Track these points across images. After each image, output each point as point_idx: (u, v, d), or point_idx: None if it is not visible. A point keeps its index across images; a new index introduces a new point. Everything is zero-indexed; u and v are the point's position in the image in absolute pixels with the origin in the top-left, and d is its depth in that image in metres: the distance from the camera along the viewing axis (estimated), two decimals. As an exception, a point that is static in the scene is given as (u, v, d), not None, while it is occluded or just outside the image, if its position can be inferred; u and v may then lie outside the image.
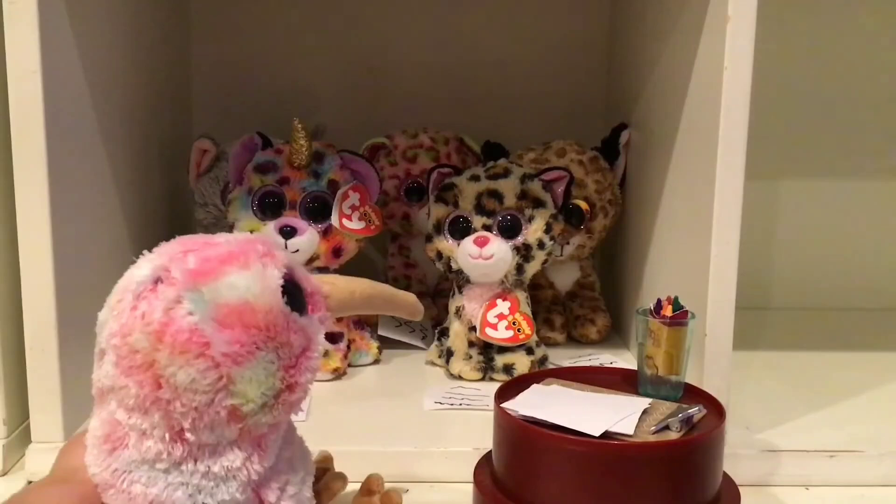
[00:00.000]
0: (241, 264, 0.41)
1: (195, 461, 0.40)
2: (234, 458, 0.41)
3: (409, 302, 0.55)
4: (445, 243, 0.82)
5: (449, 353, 0.84)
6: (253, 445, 0.42)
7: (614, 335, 0.98)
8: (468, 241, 0.80)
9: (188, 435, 0.40)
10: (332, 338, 0.84)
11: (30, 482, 0.65)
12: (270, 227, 0.81)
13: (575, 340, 0.96)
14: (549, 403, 0.57)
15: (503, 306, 0.82)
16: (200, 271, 0.40)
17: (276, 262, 0.43)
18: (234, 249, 0.42)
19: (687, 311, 0.61)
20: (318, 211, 0.82)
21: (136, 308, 0.40)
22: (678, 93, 0.75)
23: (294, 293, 0.43)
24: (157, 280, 0.40)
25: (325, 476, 0.58)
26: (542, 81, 1.12)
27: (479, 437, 0.65)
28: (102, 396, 0.42)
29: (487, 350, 0.83)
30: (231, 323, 0.40)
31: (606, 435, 0.53)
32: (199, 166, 0.96)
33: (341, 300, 0.48)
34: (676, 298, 0.61)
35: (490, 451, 0.60)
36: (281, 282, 0.42)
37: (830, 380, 0.84)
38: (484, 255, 0.79)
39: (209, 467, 0.41)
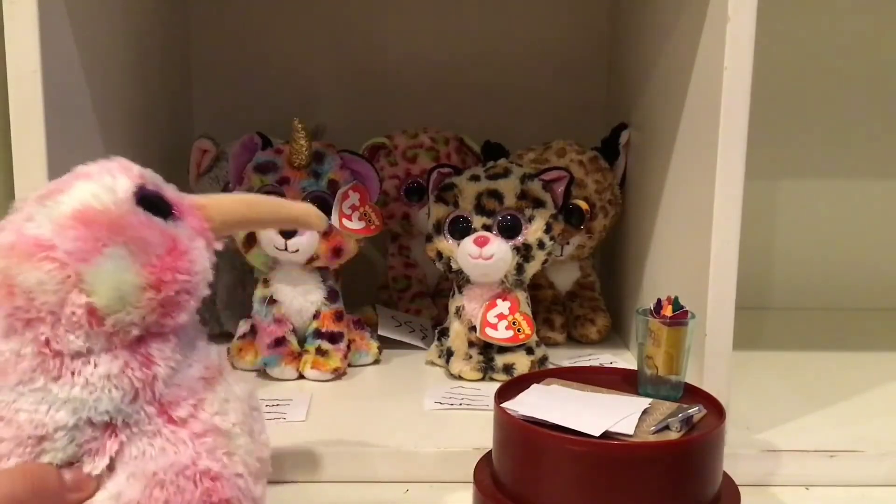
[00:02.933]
0: (88, 178, 0.43)
1: (72, 374, 0.41)
2: (110, 366, 0.41)
3: (303, 210, 0.52)
4: (445, 243, 0.82)
5: (449, 353, 0.84)
6: (130, 352, 0.42)
7: (614, 335, 0.98)
8: (468, 241, 0.80)
9: (54, 344, 0.41)
10: (332, 338, 0.84)
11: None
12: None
13: (575, 340, 0.96)
14: (549, 403, 0.57)
15: (503, 306, 0.82)
16: (50, 191, 0.43)
17: (128, 175, 0.44)
18: (88, 170, 0.44)
19: (687, 311, 0.61)
20: (318, 211, 0.82)
21: None
22: (678, 93, 0.75)
23: (151, 199, 0.44)
24: (17, 210, 0.43)
25: None
26: (542, 81, 1.12)
27: (479, 437, 0.65)
28: None
29: (487, 350, 0.83)
30: (73, 224, 0.41)
31: (606, 435, 0.53)
32: (199, 166, 0.96)
33: (221, 210, 0.48)
34: (676, 298, 0.61)
35: (490, 451, 0.60)
36: (132, 189, 0.43)
37: (830, 380, 0.84)
38: (484, 255, 0.79)
39: (87, 379, 0.41)
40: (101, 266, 0.41)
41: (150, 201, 0.44)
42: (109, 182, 0.43)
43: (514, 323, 0.82)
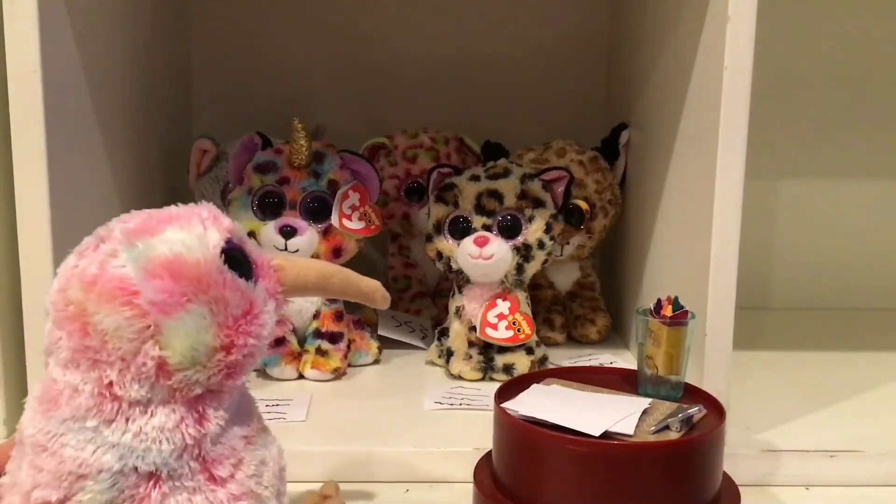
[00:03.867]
0: (180, 225, 0.42)
1: (126, 421, 0.40)
2: (165, 419, 0.40)
3: (371, 288, 0.53)
4: (445, 243, 0.82)
5: (449, 353, 0.84)
6: (187, 407, 0.41)
7: (614, 335, 0.98)
8: (468, 241, 0.80)
9: (117, 389, 0.40)
10: (332, 338, 0.84)
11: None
12: (270, 227, 0.81)
13: (575, 340, 0.96)
14: (549, 403, 0.57)
15: (503, 306, 0.82)
16: (139, 229, 0.42)
17: (218, 227, 0.43)
18: (178, 213, 0.43)
19: (687, 311, 0.61)
20: (318, 211, 0.82)
21: (76, 266, 0.41)
22: (678, 93, 0.75)
23: (236, 257, 0.43)
24: (101, 240, 0.42)
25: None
26: (543, 81, 1.12)
27: (479, 437, 0.65)
28: (45, 360, 0.42)
29: (487, 350, 0.83)
30: (161, 274, 0.40)
31: (606, 435, 0.53)
32: (199, 166, 0.96)
33: (297, 275, 0.48)
34: (676, 298, 0.61)
35: (490, 451, 0.60)
36: (221, 244, 0.42)
37: (830, 380, 0.84)
38: (484, 255, 0.79)
39: (140, 427, 0.40)
40: (181, 322, 0.40)
41: (234, 259, 0.43)
42: (200, 233, 0.42)
43: (514, 323, 0.82)
